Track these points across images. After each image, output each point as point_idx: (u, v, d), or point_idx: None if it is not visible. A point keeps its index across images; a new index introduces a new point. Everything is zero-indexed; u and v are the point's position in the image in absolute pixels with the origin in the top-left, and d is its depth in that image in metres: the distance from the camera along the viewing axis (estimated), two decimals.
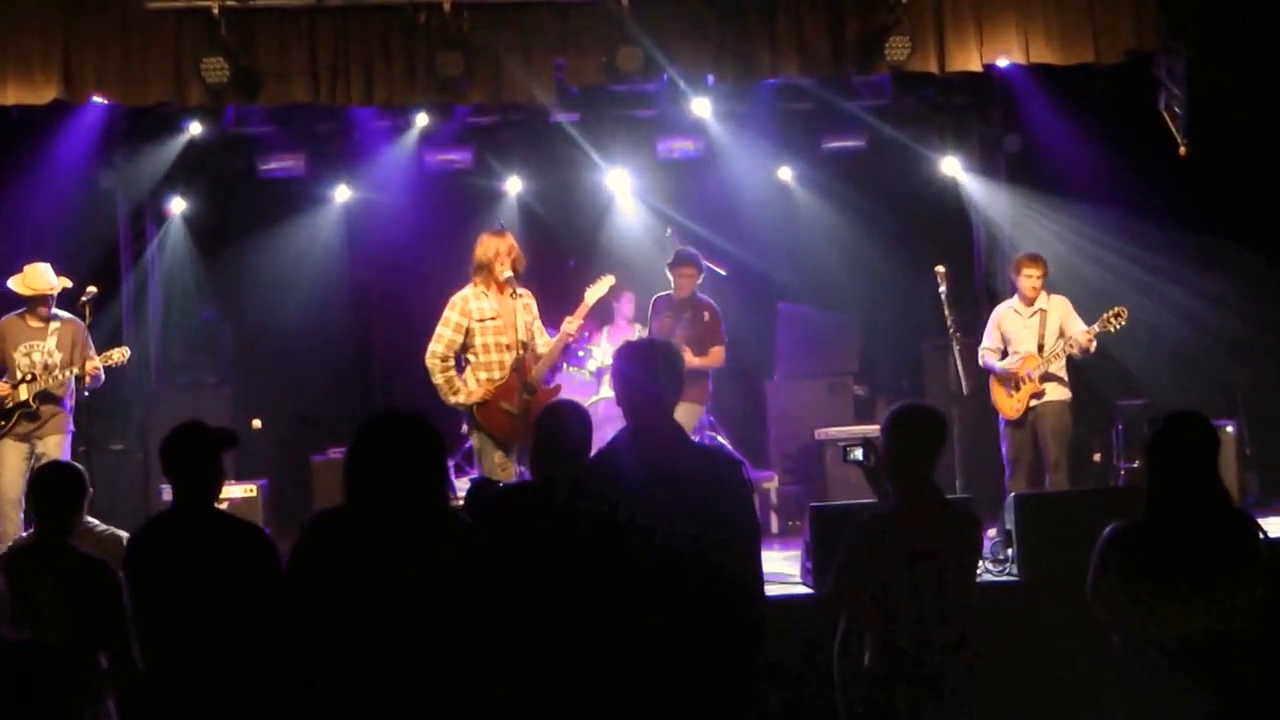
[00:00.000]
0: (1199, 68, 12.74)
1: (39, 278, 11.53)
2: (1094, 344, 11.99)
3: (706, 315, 12.81)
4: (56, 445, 11.43)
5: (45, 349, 11.48)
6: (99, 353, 11.66)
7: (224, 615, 6.07)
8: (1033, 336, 12.25)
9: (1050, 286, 12.37)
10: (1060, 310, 12.32)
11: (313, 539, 5.36)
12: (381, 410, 5.60)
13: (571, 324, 11.01)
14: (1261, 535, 5.93)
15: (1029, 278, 12.34)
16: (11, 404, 11.34)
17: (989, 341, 12.48)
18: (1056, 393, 12.17)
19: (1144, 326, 13.78)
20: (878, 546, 6.03)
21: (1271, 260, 13.91)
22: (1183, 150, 12.89)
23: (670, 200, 15.95)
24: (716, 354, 12.77)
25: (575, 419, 6.47)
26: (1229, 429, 12.98)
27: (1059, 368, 12.19)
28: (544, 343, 11.02)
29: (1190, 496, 5.85)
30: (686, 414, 11.85)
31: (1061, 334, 12.15)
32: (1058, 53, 12.63)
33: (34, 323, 11.55)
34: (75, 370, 11.41)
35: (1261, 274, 13.97)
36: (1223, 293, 14.00)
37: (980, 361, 12.46)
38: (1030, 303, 12.36)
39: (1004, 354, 12.39)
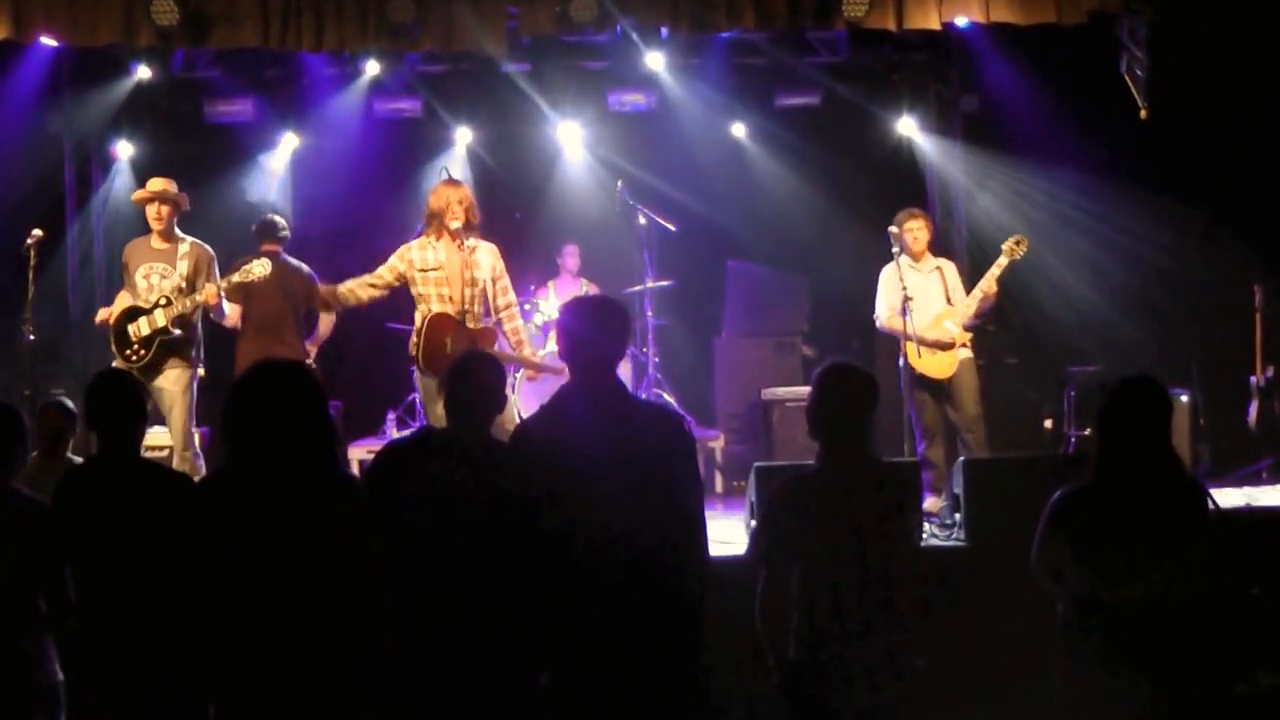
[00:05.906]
0: (1161, 30, 12.68)
1: (155, 180, 11.33)
2: (994, 288, 11.74)
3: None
4: (175, 381, 11.07)
5: (171, 273, 11.11)
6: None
7: (146, 563, 5.93)
8: (939, 292, 11.96)
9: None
10: (952, 272, 12.16)
11: (201, 500, 5.38)
12: (259, 364, 5.42)
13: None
14: (1210, 504, 5.88)
15: (911, 230, 12.01)
16: (150, 329, 10.92)
17: (890, 299, 11.89)
18: (969, 350, 11.91)
19: (1099, 292, 13.75)
20: (795, 507, 5.98)
21: (1231, 227, 13.88)
22: (1143, 113, 12.84)
23: (621, 153, 15.89)
24: None
25: (492, 369, 6.28)
26: (1183, 399, 12.96)
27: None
28: (506, 305, 10.97)
29: (1140, 461, 5.80)
30: None
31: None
32: (1018, 12, 12.53)
33: (158, 244, 11.22)
34: (200, 299, 10.95)
35: (1221, 241, 13.92)
36: (1181, 260, 13.94)
37: (882, 324, 12.04)
38: (920, 258, 12.08)
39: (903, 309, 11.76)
